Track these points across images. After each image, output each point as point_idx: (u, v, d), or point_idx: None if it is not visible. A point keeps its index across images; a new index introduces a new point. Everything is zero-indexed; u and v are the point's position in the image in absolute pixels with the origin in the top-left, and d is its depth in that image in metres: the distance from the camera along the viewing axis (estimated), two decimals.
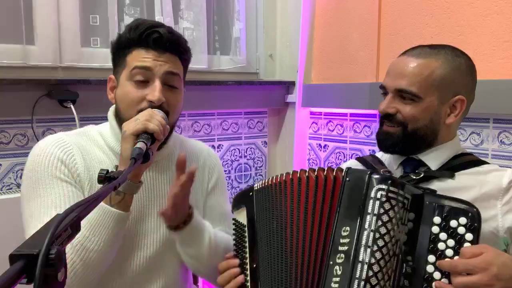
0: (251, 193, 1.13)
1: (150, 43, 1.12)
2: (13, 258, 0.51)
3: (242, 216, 1.15)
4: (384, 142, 1.19)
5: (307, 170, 1.06)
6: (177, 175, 1.09)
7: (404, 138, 1.15)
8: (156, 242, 1.19)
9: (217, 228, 1.28)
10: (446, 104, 1.14)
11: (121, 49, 1.16)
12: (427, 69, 1.12)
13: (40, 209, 1.06)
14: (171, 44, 1.15)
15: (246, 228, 1.13)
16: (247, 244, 1.12)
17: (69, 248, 1.01)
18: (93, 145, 1.18)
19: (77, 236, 0.61)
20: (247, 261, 1.11)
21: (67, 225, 0.57)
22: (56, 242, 0.53)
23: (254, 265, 1.08)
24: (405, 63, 1.14)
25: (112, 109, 1.23)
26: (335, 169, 1.03)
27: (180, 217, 1.12)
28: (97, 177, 1.10)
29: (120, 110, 1.15)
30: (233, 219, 1.18)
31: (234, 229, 1.17)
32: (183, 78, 1.21)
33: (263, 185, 1.11)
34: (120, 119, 1.15)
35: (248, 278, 1.09)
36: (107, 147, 1.18)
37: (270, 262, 1.04)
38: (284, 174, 1.08)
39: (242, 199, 1.16)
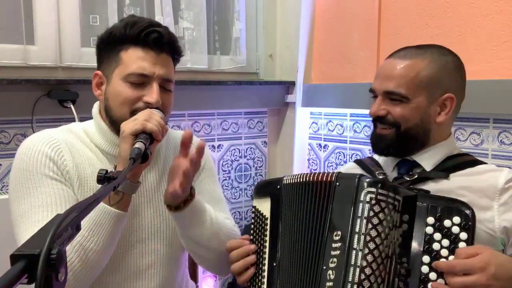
0: (278, 186, 1.11)
1: (149, 43, 1.11)
2: (14, 258, 0.51)
3: (264, 207, 1.13)
4: (378, 144, 1.20)
5: (319, 173, 1.06)
6: (181, 152, 1.06)
7: (397, 139, 1.16)
8: (149, 237, 1.18)
9: None
10: (436, 103, 1.15)
11: (112, 45, 1.13)
12: (414, 69, 1.13)
13: (31, 208, 1.05)
14: (169, 44, 1.14)
15: (268, 221, 1.11)
16: (267, 239, 1.10)
17: (68, 248, 1.00)
18: (80, 142, 1.16)
19: (76, 236, 0.61)
20: (266, 256, 1.09)
21: (67, 225, 0.57)
22: (57, 242, 0.53)
23: (274, 264, 1.07)
24: (392, 65, 1.16)
25: (96, 106, 1.20)
26: (327, 174, 1.03)
27: (183, 195, 1.07)
28: (87, 176, 1.11)
29: (110, 108, 1.13)
30: (253, 206, 1.16)
31: (253, 218, 1.15)
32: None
33: (293, 181, 1.09)
34: (110, 117, 1.13)
35: (265, 274, 1.08)
36: (93, 145, 1.16)
37: (291, 265, 1.04)
38: (315, 174, 1.06)
39: (267, 189, 1.14)
